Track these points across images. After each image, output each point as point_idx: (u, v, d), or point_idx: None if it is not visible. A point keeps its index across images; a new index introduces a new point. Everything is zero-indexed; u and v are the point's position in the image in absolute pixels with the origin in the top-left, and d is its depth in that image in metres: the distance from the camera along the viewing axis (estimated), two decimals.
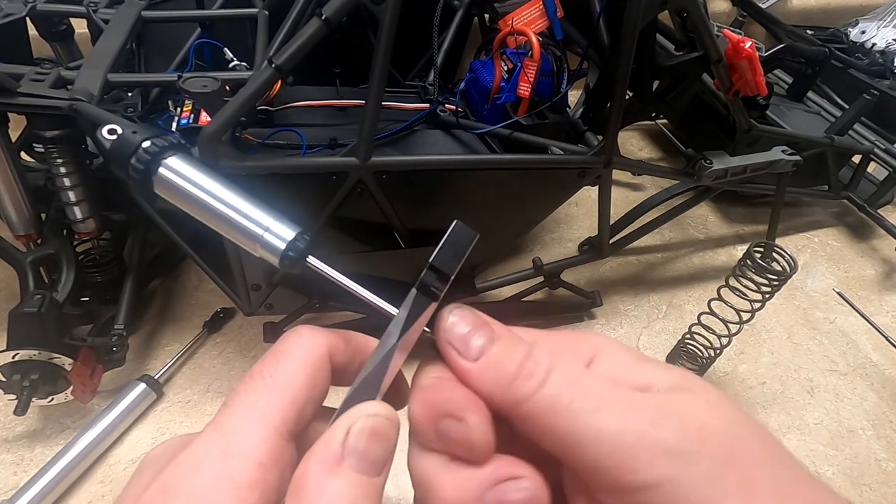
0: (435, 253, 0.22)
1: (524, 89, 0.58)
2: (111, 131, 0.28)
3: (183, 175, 0.27)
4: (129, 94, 0.61)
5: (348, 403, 0.20)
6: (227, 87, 0.47)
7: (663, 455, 0.18)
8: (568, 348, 0.22)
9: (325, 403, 0.23)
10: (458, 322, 0.21)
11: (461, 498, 0.19)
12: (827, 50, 0.83)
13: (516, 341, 0.21)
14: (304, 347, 0.22)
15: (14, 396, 0.47)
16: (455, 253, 0.22)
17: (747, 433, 0.19)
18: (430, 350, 0.23)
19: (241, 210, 0.26)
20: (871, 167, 0.82)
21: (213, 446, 0.19)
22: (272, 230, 0.25)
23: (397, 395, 0.24)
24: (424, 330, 0.22)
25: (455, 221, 0.23)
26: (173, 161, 0.27)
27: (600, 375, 0.20)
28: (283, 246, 0.25)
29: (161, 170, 0.27)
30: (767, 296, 0.53)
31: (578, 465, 0.19)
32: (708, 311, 0.56)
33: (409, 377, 0.24)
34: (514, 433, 0.21)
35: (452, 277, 0.22)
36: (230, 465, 0.18)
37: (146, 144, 0.27)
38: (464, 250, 0.22)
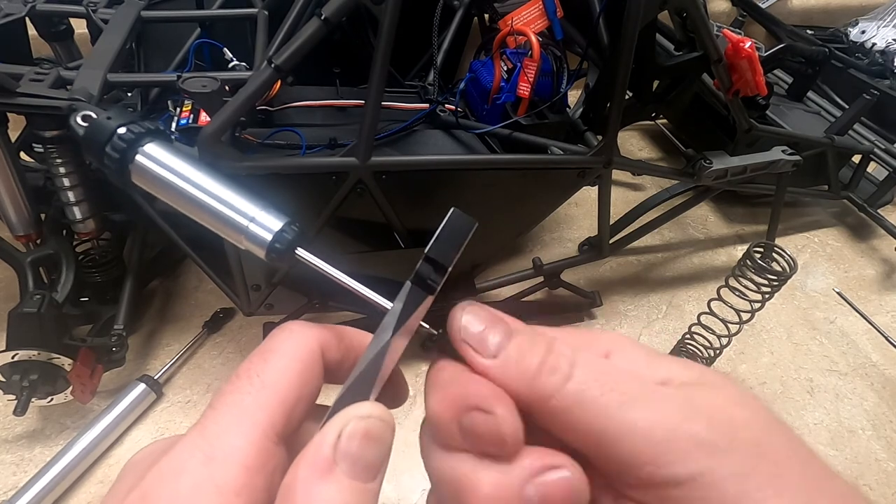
0: (431, 243, 0.21)
1: (524, 89, 0.58)
2: (85, 118, 0.26)
3: (162, 163, 0.25)
4: (129, 94, 0.61)
5: (340, 404, 0.19)
6: (227, 88, 0.47)
7: (697, 448, 0.18)
8: (584, 344, 0.21)
9: (319, 402, 0.21)
10: (472, 319, 0.20)
11: (501, 495, 0.18)
12: (827, 50, 0.83)
13: (535, 335, 0.20)
14: (294, 344, 0.21)
15: (14, 397, 0.47)
16: (452, 243, 0.21)
17: (773, 426, 0.19)
18: (437, 347, 0.22)
19: (225, 199, 0.25)
20: (871, 167, 0.82)
21: (196, 450, 0.18)
22: (258, 220, 0.24)
23: (393, 394, 0.23)
24: (421, 325, 0.21)
25: (452, 209, 0.21)
26: (151, 148, 0.26)
27: (623, 369, 0.20)
28: (269, 237, 0.24)
29: (138, 157, 0.25)
30: (767, 296, 0.53)
31: (610, 460, 0.18)
32: (708, 311, 0.56)
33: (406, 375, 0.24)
34: (533, 430, 0.20)
35: (450, 269, 0.21)
36: (214, 469, 0.17)
37: (121, 131, 0.25)
38: (462, 240, 0.21)
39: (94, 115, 0.26)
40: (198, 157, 0.41)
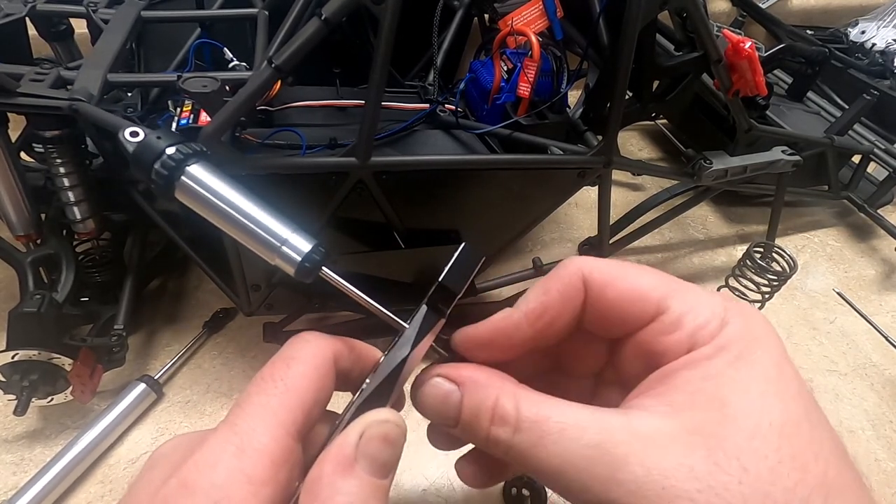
0: (444, 273, 0.24)
1: (524, 89, 0.58)
2: (133, 133, 0.29)
3: (205, 184, 0.28)
4: (129, 94, 0.61)
5: (361, 409, 0.22)
6: (227, 88, 0.47)
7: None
8: (695, 317, 0.22)
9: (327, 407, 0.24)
10: (429, 401, 0.24)
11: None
12: (827, 50, 0.83)
13: (484, 394, 0.22)
14: (312, 352, 0.23)
15: (14, 397, 0.47)
16: (462, 273, 0.24)
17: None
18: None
19: (261, 222, 0.27)
20: (871, 167, 0.82)
21: (228, 444, 0.20)
22: (290, 242, 0.27)
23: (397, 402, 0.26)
24: (433, 346, 0.25)
25: (463, 244, 0.25)
26: (196, 169, 0.28)
27: (567, 411, 0.21)
28: (299, 258, 0.26)
29: (184, 177, 0.28)
30: (767, 296, 0.53)
31: (561, 486, 0.20)
32: None
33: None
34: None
35: (459, 296, 0.24)
36: (245, 462, 0.19)
37: (171, 151, 0.28)
38: (471, 271, 0.25)
39: (142, 133, 0.28)
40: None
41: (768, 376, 0.21)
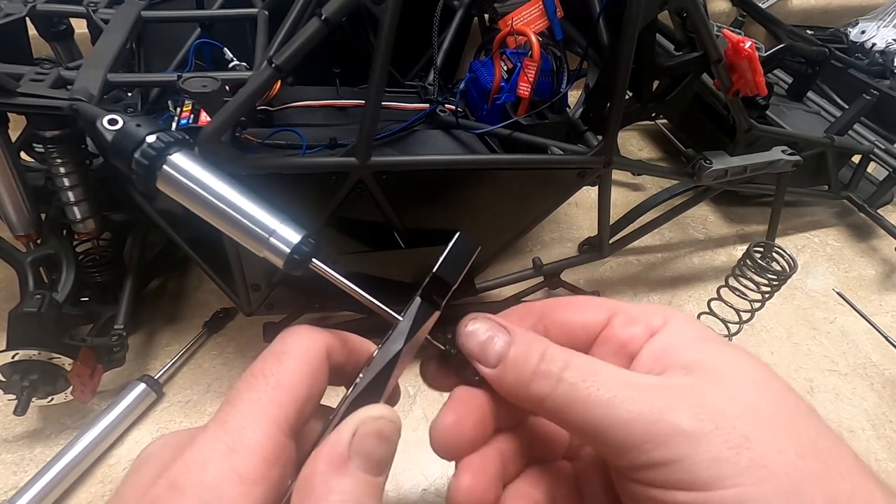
0: (438, 263, 0.23)
1: (524, 89, 0.58)
2: (112, 121, 0.27)
3: (188, 173, 0.27)
4: (129, 94, 0.61)
5: (355, 405, 0.21)
6: (227, 88, 0.47)
7: (674, 436, 0.20)
8: (641, 316, 0.25)
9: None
10: (475, 332, 0.23)
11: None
12: (827, 50, 0.83)
13: (532, 343, 0.23)
14: (304, 347, 0.22)
15: (14, 396, 0.47)
16: (457, 263, 0.23)
17: (778, 419, 0.20)
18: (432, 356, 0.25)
19: (248, 212, 0.26)
20: (871, 167, 0.82)
21: (218, 443, 0.19)
22: (278, 233, 0.25)
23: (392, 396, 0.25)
24: (427, 338, 0.23)
25: (458, 233, 0.23)
26: (178, 158, 0.27)
27: (613, 367, 0.22)
28: (288, 250, 0.25)
29: (166, 167, 0.26)
30: (767, 296, 0.53)
31: (604, 447, 0.21)
32: (708, 311, 0.56)
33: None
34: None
35: (454, 287, 0.23)
36: (236, 461, 0.19)
37: (151, 139, 0.26)
38: (466, 261, 0.23)
39: (121, 120, 0.27)
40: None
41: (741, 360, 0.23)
